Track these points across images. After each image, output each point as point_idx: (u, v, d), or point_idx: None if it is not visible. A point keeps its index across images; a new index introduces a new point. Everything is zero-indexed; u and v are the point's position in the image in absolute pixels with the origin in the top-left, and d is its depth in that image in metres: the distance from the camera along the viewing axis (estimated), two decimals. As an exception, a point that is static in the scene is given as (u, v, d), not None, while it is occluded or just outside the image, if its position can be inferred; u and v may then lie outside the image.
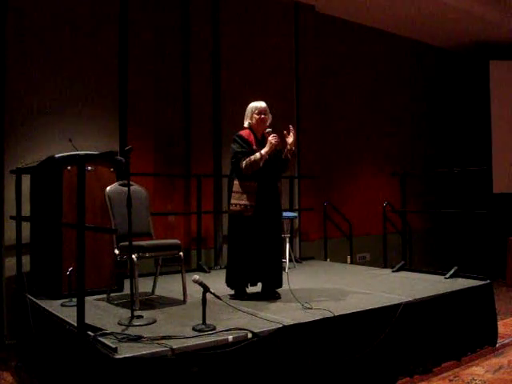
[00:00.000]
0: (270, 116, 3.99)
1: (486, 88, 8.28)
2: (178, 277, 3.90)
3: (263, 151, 3.78)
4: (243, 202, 3.78)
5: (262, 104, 3.95)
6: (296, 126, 6.56)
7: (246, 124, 3.97)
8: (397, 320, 3.51)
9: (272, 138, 3.79)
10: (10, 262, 4.40)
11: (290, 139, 3.90)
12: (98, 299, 3.84)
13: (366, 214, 7.28)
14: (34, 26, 4.72)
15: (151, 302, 3.80)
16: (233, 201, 3.83)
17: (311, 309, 3.41)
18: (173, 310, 3.55)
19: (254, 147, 3.84)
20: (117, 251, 3.66)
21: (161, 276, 4.26)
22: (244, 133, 3.92)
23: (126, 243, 3.42)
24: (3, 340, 4.45)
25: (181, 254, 3.81)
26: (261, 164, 3.76)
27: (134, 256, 3.45)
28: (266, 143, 3.85)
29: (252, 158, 3.75)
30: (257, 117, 3.91)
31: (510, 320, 5.17)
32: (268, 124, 3.97)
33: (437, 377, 3.60)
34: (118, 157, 4.08)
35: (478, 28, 7.71)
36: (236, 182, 3.84)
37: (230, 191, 3.87)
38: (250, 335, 2.83)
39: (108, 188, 3.78)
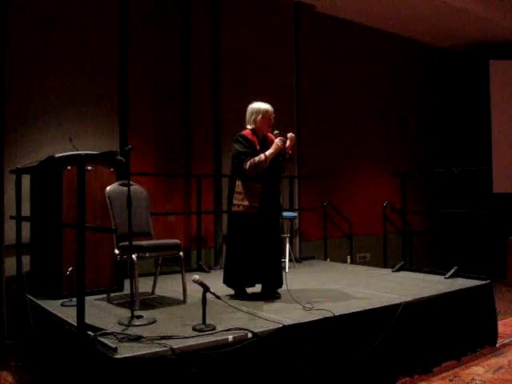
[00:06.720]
0: None
1: (486, 88, 8.28)
2: (178, 277, 3.90)
3: (268, 152, 3.78)
4: (246, 203, 3.76)
5: (270, 107, 3.94)
6: (296, 126, 6.58)
7: (249, 126, 3.92)
8: (397, 320, 3.51)
9: (279, 140, 3.82)
10: (10, 262, 4.41)
11: (287, 144, 3.88)
12: (98, 299, 3.84)
13: (366, 213, 7.29)
14: (34, 25, 4.73)
15: (151, 302, 3.80)
16: (235, 201, 3.80)
17: (312, 309, 3.41)
18: (173, 309, 3.55)
19: (258, 148, 3.84)
20: (117, 251, 3.66)
21: (161, 276, 4.26)
22: (247, 133, 3.89)
23: (126, 243, 3.41)
24: (3, 340, 4.45)
25: (181, 253, 3.82)
26: (265, 165, 3.76)
27: (134, 256, 3.44)
28: (268, 144, 3.87)
29: (257, 159, 3.74)
30: (268, 120, 3.90)
31: (509, 320, 5.17)
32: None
33: (437, 376, 3.60)
34: (118, 157, 4.08)
35: (477, 28, 7.72)
36: (239, 183, 3.81)
37: (232, 191, 3.84)
38: (250, 335, 2.83)
39: (108, 188, 3.78)
